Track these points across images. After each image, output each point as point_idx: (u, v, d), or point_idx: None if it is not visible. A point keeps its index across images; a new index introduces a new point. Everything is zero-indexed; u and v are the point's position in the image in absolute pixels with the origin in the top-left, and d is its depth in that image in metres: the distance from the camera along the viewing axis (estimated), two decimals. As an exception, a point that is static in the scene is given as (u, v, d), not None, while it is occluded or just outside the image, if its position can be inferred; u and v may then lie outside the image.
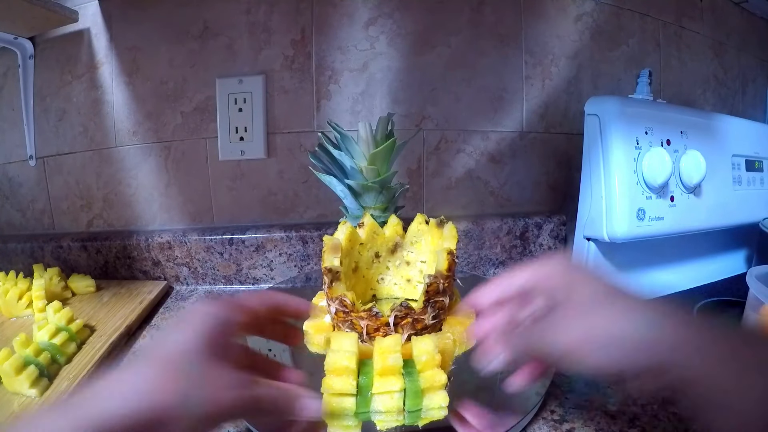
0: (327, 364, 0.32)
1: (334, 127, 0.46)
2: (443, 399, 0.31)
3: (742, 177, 0.70)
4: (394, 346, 0.33)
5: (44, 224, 0.71)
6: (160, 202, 0.67)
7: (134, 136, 0.66)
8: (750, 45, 0.91)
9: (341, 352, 0.32)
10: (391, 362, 0.31)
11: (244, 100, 0.63)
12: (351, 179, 0.45)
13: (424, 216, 0.46)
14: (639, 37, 0.74)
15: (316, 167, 0.48)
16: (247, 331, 0.30)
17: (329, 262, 0.39)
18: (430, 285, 0.37)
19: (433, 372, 0.32)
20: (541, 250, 0.69)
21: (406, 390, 0.31)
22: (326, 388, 0.31)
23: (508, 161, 0.69)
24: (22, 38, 0.66)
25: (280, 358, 0.41)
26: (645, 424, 0.33)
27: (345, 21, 0.63)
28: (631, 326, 0.22)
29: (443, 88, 0.65)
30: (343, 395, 0.31)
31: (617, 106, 0.58)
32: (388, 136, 0.46)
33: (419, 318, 0.37)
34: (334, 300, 0.38)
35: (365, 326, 0.37)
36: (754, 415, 0.18)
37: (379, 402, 0.31)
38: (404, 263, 0.47)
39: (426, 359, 0.32)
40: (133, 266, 0.65)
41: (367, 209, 0.46)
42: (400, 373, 0.31)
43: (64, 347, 0.42)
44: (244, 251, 0.63)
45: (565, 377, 0.39)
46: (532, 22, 0.67)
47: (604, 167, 0.58)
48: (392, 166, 0.47)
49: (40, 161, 0.69)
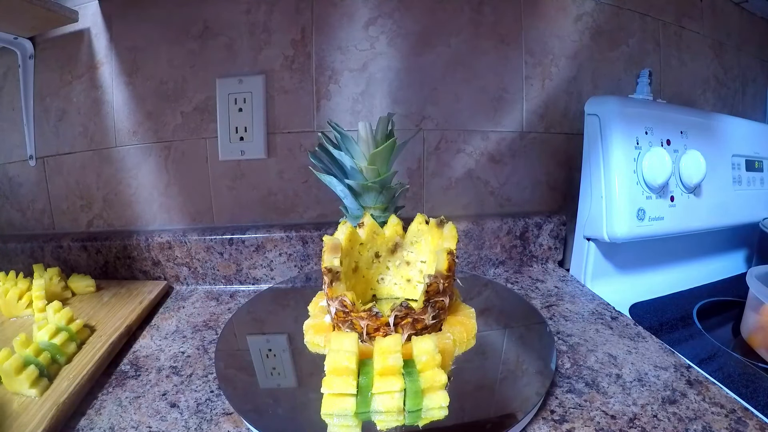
0: (327, 364, 0.32)
1: (334, 127, 0.46)
2: (444, 399, 0.31)
3: (742, 177, 0.70)
4: (395, 346, 0.33)
5: (44, 224, 0.71)
6: (160, 202, 0.67)
7: (134, 136, 0.66)
8: (750, 45, 0.91)
9: (341, 352, 0.32)
10: (391, 362, 0.31)
11: (244, 100, 0.63)
12: (351, 179, 0.45)
13: (424, 216, 0.46)
14: (639, 37, 0.74)
15: (316, 167, 0.48)
16: None
17: (329, 262, 0.39)
18: (430, 285, 0.37)
19: (433, 372, 0.32)
20: (541, 250, 0.69)
21: (407, 390, 0.31)
22: (326, 388, 0.31)
23: (508, 161, 0.69)
24: (22, 38, 0.66)
25: (280, 358, 0.41)
26: (645, 424, 0.33)
27: (345, 21, 0.63)
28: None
29: (443, 88, 0.65)
30: (343, 395, 0.31)
31: (617, 106, 0.58)
32: (388, 136, 0.46)
33: (419, 318, 0.37)
34: (334, 300, 0.38)
35: (365, 326, 0.37)
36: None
37: (380, 402, 0.31)
38: (404, 263, 0.47)
39: (426, 359, 0.32)
40: (133, 266, 0.65)
41: (367, 209, 0.46)
42: (401, 373, 0.31)
43: (64, 347, 0.42)
44: (244, 251, 0.63)
45: (565, 377, 0.39)
46: (532, 22, 0.67)
47: (604, 167, 0.58)
48: (392, 166, 0.47)
49: (40, 161, 0.69)
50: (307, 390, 0.35)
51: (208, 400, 0.38)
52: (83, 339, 0.45)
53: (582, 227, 0.63)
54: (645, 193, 0.58)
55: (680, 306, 0.59)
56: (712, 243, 0.73)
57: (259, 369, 0.39)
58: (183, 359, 0.45)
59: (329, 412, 0.31)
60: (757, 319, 0.49)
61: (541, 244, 0.69)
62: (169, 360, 0.45)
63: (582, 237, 0.63)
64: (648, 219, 0.57)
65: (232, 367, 0.40)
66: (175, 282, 0.65)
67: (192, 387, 0.40)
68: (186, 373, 0.42)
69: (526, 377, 0.37)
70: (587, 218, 0.61)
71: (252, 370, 0.39)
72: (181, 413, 0.36)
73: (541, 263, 0.70)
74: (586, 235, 0.62)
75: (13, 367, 0.36)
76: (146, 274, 0.65)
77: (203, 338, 0.49)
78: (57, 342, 0.41)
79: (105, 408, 0.37)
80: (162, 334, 0.51)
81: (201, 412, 0.36)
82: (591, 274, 0.63)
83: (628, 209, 0.56)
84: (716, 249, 0.74)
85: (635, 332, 0.47)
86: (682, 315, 0.57)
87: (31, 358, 0.38)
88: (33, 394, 0.36)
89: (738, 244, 0.77)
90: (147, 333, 0.51)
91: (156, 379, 0.41)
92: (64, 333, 0.43)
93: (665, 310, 0.58)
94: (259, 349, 0.43)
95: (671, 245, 0.66)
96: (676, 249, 0.68)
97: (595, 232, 0.60)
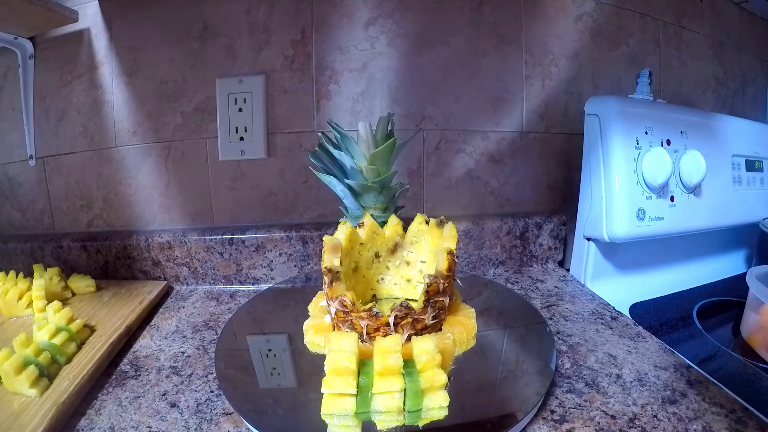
0: (327, 364, 0.32)
1: (334, 127, 0.46)
2: (444, 399, 0.31)
3: (742, 177, 0.70)
4: (395, 346, 0.33)
5: (44, 224, 0.71)
6: (160, 202, 0.67)
7: (134, 136, 0.66)
8: (750, 45, 0.91)
9: (341, 352, 0.32)
10: (391, 362, 0.31)
11: (244, 100, 0.63)
12: (351, 179, 0.45)
13: (424, 216, 0.46)
14: (639, 37, 0.74)
15: (316, 167, 0.48)
16: None
17: (329, 262, 0.39)
18: (430, 285, 0.37)
19: (433, 372, 0.32)
20: (541, 250, 0.69)
21: (407, 390, 0.31)
22: (326, 387, 0.31)
23: (508, 161, 0.69)
24: (22, 38, 0.66)
25: (280, 358, 0.41)
26: (645, 424, 0.33)
27: (345, 21, 0.63)
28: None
29: (443, 88, 0.65)
30: (343, 395, 0.31)
31: (617, 106, 0.58)
32: (388, 136, 0.46)
33: (419, 318, 0.37)
34: (334, 300, 0.38)
35: (365, 326, 0.37)
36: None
37: (380, 402, 0.31)
38: (404, 263, 0.47)
39: (426, 359, 0.32)
40: (133, 266, 0.65)
41: (367, 209, 0.46)
42: (401, 373, 0.31)
43: (64, 347, 0.42)
44: (244, 251, 0.63)
45: (565, 377, 0.39)
46: (532, 22, 0.67)
47: (604, 167, 0.58)
48: (392, 166, 0.47)
49: (40, 161, 0.69)
50: (307, 390, 0.35)
51: (208, 400, 0.38)
52: (83, 339, 0.45)
53: (582, 227, 0.63)
54: (645, 193, 0.58)
55: (680, 306, 0.59)
56: (712, 243, 0.73)
57: (259, 369, 0.39)
58: (183, 359, 0.45)
59: (329, 412, 0.31)
60: (757, 319, 0.49)
61: (541, 244, 0.69)
62: (169, 360, 0.45)
63: (582, 237, 0.63)
64: (648, 219, 0.57)
65: (232, 367, 0.40)
66: (175, 282, 0.65)
67: (192, 387, 0.40)
68: (186, 373, 0.42)
69: (526, 377, 0.37)
70: (587, 218, 0.62)
71: (252, 370, 0.39)
72: (181, 413, 0.36)
73: (541, 263, 0.70)
74: (586, 235, 0.62)
75: (13, 367, 0.36)
76: (146, 274, 0.65)
77: (203, 338, 0.49)
78: (57, 342, 0.41)
79: (105, 408, 0.37)
80: (162, 334, 0.51)
81: (201, 412, 0.36)
82: (591, 274, 0.63)
83: (628, 209, 0.56)
84: (716, 249, 0.74)
85: (635, 332, 0.47)
86: (682, 315, 0.57)
87: (31, 358, 0.38)
88: (33, 394, 0.36)
89: (738, 244, 0.77)
90: (147, 333, 0.51)
91: (156, 379, 0.41)
92: (64, 333, 0.43)
93: (665, 310, 0.58)
94: (259, 349, 0.43)
95: (671, 245, 0.66)
96: (676, 249, 0.68)
97: (595, 232, 0.60)
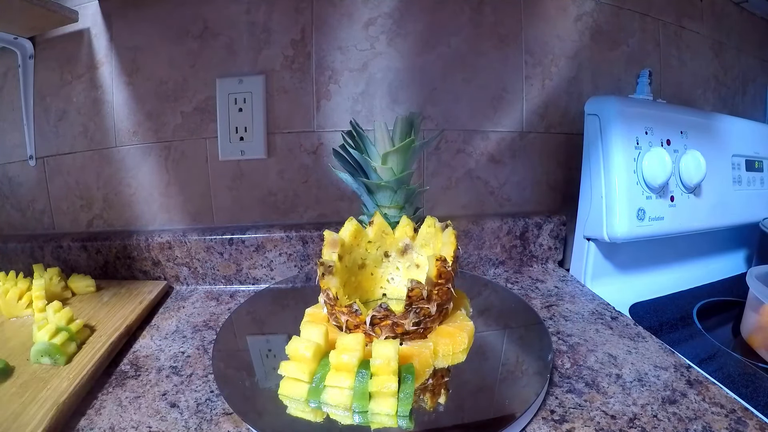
0: (288, 349, 0.34)
1: (354, 127, 0.46)
2: (390, 406, 0.31)
3: (742, 177, 0.70)
4: (355, 345, 0.34)
5: (44, 224, 0.71)
6: (160, 202, 0.67)
7: (134, 136, 0.66)
8: (750, 45, 0.91)
9: (303, 341, 0.34)
10: (345, 359, 0.33)
11: (244, 100, 0.63)
12: (367, 178, 0.45)
13: (434, 219, 0.46)
14: (639, 37, 0.74)
15: (336, 165, 0.49)
16: None
17: (327, 256, 0.40)
18: (411, 290, 0.37)
19: (386, 377, 0.32)
20: (541, 250, 0.69)
21: (354, 390, 0.32)
22: (283, 371, 0.34)
23: (508, 161, 0.69)
24: (22, 38, 0.66)
25: (280, 359, 0.41)
26: (645, 424, 0.33)
27: (345, 21, 0.63)
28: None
29: (443, 88, 0.65)
30: (297, 381, 0.33)
31: (617, 106, 0.58)
32: (407, 135, 0.46)
33: (399, 322, 0.37)
34: (323, 292, 0.39)
35: (345, 321, 0.38)
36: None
37: (330, 395, 0.32)
38: (414, 266, 0.47)
39: (381, 363, 0.32)
40: (133, 266, 0.65)
41: (382, 208, 0.46)
42: (353, 371, 0.32)
43: (64, 347, 0.42)
44: (244, 251, 0.63)
45: (565, 377, 0.39)
46: (532, 22, 0.67)
47: (604, 167, 0.58)
48: (412, 166, 0.46)
49: (40, 161, 0.69)
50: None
51: (208, 400, 0.38)
52: (83, 339, 0.45)
53: (582, 227, 0.63)
54: (645, 193, 0.58)
55: (680, 306, 0.59)
56: (712, 243, 0.73)
57: (259, 369, 0.39)
58: (183, 359, 0.45)
59: (284, 394, 0.33)
60: (757, 319, 0.49)
61: (541, 244, 0.69)
62: (169, 360, 0.45)
63: (582, 237, 0.63)
64: (648, 219, 0.57)
65: (231, 367, 0.40)
66: (175, 282, 0.65)
67: (192, 387, 0.40)
68: (186, 373, 0.42)
69: (526, 377, 0.37)
70: (587, 218, 0.62)
71: (252, 370, 0.39)
72: (181, 413, 0.36)
73: (541, 263, 0.70)
74: (586, 235, 0.62)
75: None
76: (146, 274, 0.65)
77: (203, 338, 0.49)
78: (57, 342, 0.41)
79: (105, 408, 0.37)
80: (162, 334, 0.51)
81: (201, 412, 0.36)
82: (591, 274, 0.63)
83: (628, 209, 0.56)
84: (716, 249, 0.74)
85: (635, 332, 0.47)
86: (682, 315, 0.57)
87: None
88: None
89: (738, 244, 0.77)
90: (147, 333, 0.51)
91: (156, 379, 0.41)
92: (64, 333, 0.43)
93: (665, 310, 0.58)
94: (259, 349, 0.43)
95: (671, 245, 0.66)
96: (676, 249, 0.68)
97: (595, 232, 0.60)
